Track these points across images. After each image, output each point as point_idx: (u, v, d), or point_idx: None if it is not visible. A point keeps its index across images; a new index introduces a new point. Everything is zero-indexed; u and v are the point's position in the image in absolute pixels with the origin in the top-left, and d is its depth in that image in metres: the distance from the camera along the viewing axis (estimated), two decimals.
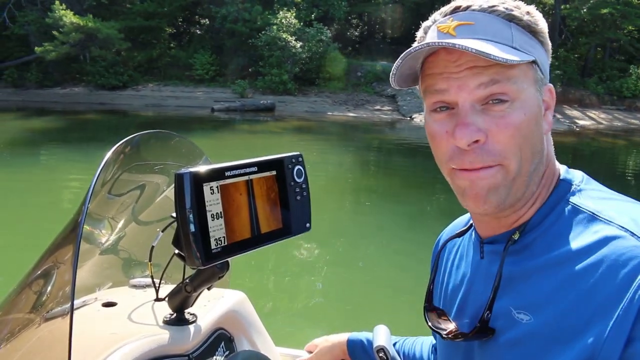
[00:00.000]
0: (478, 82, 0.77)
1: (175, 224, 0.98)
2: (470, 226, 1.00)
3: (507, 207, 0.83)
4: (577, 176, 0.87)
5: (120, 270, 1.45)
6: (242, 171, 0.97)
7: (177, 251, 1.02)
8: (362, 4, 29.11)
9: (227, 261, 1.05)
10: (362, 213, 8.90)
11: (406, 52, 0.79)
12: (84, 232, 1.23)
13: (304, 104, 24.36)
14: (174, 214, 0.93)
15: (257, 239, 1.00)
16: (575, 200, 0.82)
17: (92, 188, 0.95)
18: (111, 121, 19.57)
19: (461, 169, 0.81)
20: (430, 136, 0.85)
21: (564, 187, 0.85)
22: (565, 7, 26.90)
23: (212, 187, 0.92)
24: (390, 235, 7.50)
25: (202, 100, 24.43)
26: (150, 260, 1.19)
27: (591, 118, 24.12)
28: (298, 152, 1.08)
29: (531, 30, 0.82)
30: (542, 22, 0.84)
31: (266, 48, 25.08)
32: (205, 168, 0.92)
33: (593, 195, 0.83)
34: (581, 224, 0.78)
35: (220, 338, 1.27)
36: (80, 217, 0.93)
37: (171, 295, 1.18)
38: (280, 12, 25.53)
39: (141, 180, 1.37)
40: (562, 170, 0.89)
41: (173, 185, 0.91)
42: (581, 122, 23.05)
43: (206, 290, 1.15)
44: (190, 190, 0.89)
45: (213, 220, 0.92)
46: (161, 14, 27.98)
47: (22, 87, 26.40)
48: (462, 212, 1.05)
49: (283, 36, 24.58)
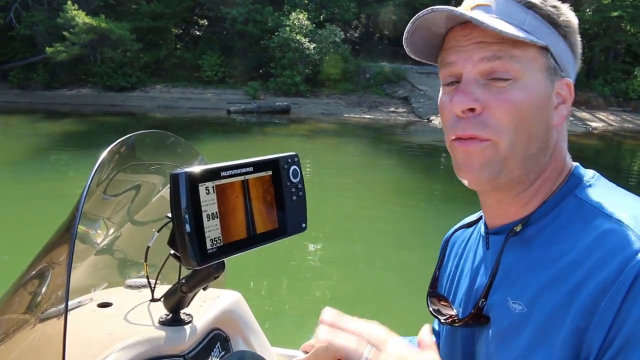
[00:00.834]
0: (481, 56, 0.80)
1: (170, 224, 0.98)
2: (479, 218, 1.02)
3: (502, 186, 0.84)
4: (588, 173, 0.88)
5: (115, 270, 1.45)
6: (238, 171, 0.97)
7: (173, 251, 1.02)
8: (373, 5, 28.97)
9: (223, 261, 1.05)
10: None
11: (415, 17, 0.83)
12: (79, 233, 1.22)
13: (318, 106, 24.28)
14: (170, 214, 0.93)
15: (253, 239, 0.99)
16: (581, 194, 0.83)
17: (87, 188, 0.95)
18: (129, 123, 19.18)
19: (456, 139, 0.83)
20: (439, 108, 0.88)
21: (573, 182, 0.85)
22: (577, 13, 26.97)
23: (208, 187, 0.92)
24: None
25: (215, 102, 24.30)
26: (145, 260, 1.19)
27: (601, 120, 24.24)
28: (294, 152, 1.08)
29: (552, 21, 0.83)
30: (569, 17, 0.84)
31: (278, 49, 24.98)
32: (200, 168, 0.92)
33: (600, 190, 0.83)
34: (583, 219, 0.79)
35: (216, 338, 1.27)
36: (75, 218, 0.93)
37: (167, 295, 1.18)
38: (292, 14, 25.44)
39: (137, 180, 1.36)
40: (575, 163, 0.90)
41: (168, 185, 0.91)
42: (593, 124, 23.17)
43: (202, 290, 1.15)
44: (185, 190, 0.89)
45: (209, 220, 0.92)
46: (168, 15, 27.81)
47: (28, 89, 26.10)
48: None
49: (297, 37, 24.51)
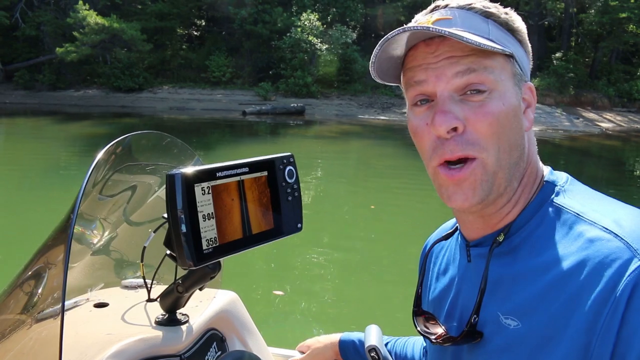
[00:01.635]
0: (455, 71, 0.78)
1: (166, 225, 0.98)
2: (456, 229, 0.99)
3: (491, 203, 0.83)
4: (562, 177, 0.87)
5: (112, 271, 1.45)
6: (234, 172, 0.97)
7: (169, 252, 1.02)
8: (380, 6, 28.84)
9: (219, 262, 1.05)
10: None
11: (383, 39, 0.80)
12: (76, 233, 1.23)
13: (331, 107, 24.24)
14: (166, 215, 0.94)
15: (249, 240, 1.00)
16: (559, 201, 0.82)
17: (83, 189, 0.95)
18: (147, 125, 18.92)
19: (442, 164, 0.81)
20: (412, 132, 0.85)
21: (548, 188, 0.85)
22: (584, 14, 27.14)
23: (204, 188, 0.92)
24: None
25: (226, 103, 24.27)
26: (142, 260, 1.19)
27: (609, 120, 24.40)
28: (289, 153, 1.09)
29: (509, 28, 0.84)
30: (520, 22, 0.86)
31: (288, 50, 24.91)
32: (196, 169, 0.92)
33: (577, 196, 0.83)
34: (565, 226, 0.78)
35: (212, 338, 1.27)
36: (71, 218, 0.93)
37: (163, 295, 1.18)
38: (303, 14, 25.40)
39: (133, 180, 1.37)
40: (546, 171, 0.89)
41: (165, 185, 0.91)
42: (603, 125, 23.31)
43: (198, 290, 1.15)
44: (181, 190, 0.89)
45: (204, 220, 0.92)
46: (174, 15, 27.71)
47: (33, 89, 25.98)
48: None
49: (309, 38, 24.45)
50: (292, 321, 4.85)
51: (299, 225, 1.09)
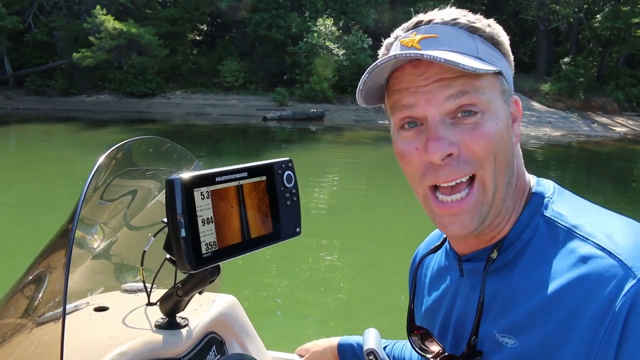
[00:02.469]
0: (447, 94, 0.76)
1: (166, 229, 0.99)
2: (444, 240, 0.98)
3: (487, 225, 0.82)
4: (549, 187, 0.86)
5: (112, 275, 1.46)
6: (233, 177, 0.98)
7: (169, 256, 1.03)
8: (391, 11, 28.72)
9: (218, 265, 1.06)
10: None
11: (372, 66, 0.78)
12: (76, 238, 1.23)
13: (348, 113, 24.20)
14: (165, 219, 0.95)
15: (248, 244, 1.01)
16: (549, 213, 0.81)
17: (84, 194, 0.96)
18: (173, 132, 18.61)
19: (431, 189, 0.80)
20: (399, 155, 0.82)
21: (537, 200, 0.83)
22: (594, 19, 27.24)
23: (203, 193, 0.93)
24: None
25: (243, 108, 24.23)
26: (141, 265, 1.20)
27: (622, 124, 24.50)
28: (287, 158, 1.10)
29: (494, 42, 0.82)
30: (503, 35, 0.84)
31: (303, 56, 24.87)
32: (196, 173, 0.93)
33: (567, 207, 0.82)
34: (559, 241, 0.77)
35: (211, 342, 1.28)
36: (72, 223, 0.94)
37: (163, 299, 1.19)
38: (319, 19, 25.36)
39: (133, 185, 1.37)
40: (533, 181, 0.88)
41: (164, 190, 0.92)
42: (617, 129, 23.39)
43: (197, 294, 1.16)
44: (181, 195, 0.90)
45: (204, 225, 0.93)
46: (185, 20, 27.66)
47: (44, 95, 25.84)
48: None
49: (326, 44, 24.41)
50: (292, 325, 4.84)
51: (298, 229, 1.10)
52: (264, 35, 25.96)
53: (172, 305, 1.18)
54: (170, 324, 1.18)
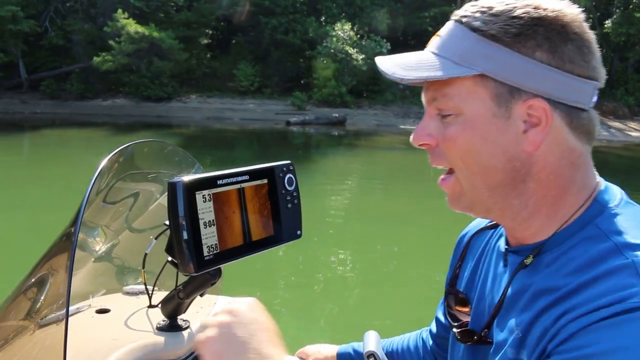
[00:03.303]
0: (427, 98, 0.82)
1: (168, 232, 1.00)
2: (495, 224, 0.98)
3: (482, 213, 0.84)
4: (614, 197, 0.80)
5: (114, 277, 1.46)
6: (234, 180, 0.99)
7: (170, 258, 1.04)
8: (404, 17, 28.64)
9: (220, 268, 1.07)
10: None
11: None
12: (78, 240, 1.24)
13: (368, 117, 24.15)
14: (167, 222, 0.95)
15: (249, 246, 1.01)
16: (603, 225, 0.75)
17: (87, 196, 0.97)
18: (203, 138, 18.33)
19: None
20: None
21: (596, 208, 0.78)
22: (607, 25, 27.25)
23: (205, 195, 0.94)
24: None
25: (262, 112, 24.14)
26: (143, 267, 1.21)
27: (636, 129, 24.53)
28: (289, 161, 1.10)
29: (509, 35, 0.74)
30: (534, 28, 0.73)
31: (321, 60, 24.83)
32: (197, 176, 0.94)
33: (627, 223, 0.75)
34: (601, 257, 0.71)
35: None
36: (75, 225, 0.95)
37: (164, 301, 1.20)
38: (337, 24, 25.32)
39: (135, 188, 1.38)
40: (602, 186, 0.81)
41: (166, 193, 0.93)
42: (633, 134, 23.43)
43: (199, 296, 1.17)
44: (183, 198, 0.91)
45: (205, 227, 0.94)
46: (200, 24, 27.63)
47: (60, 99, 25.65)
48: None
49: (346, 48, 24.38)
50: (292, 327, 4.85)
51: (299, 232, 1.11)
52: (281, 39, 25.93)
53: (174, 307, 1.18)
54: (171, 326, 1.19)
